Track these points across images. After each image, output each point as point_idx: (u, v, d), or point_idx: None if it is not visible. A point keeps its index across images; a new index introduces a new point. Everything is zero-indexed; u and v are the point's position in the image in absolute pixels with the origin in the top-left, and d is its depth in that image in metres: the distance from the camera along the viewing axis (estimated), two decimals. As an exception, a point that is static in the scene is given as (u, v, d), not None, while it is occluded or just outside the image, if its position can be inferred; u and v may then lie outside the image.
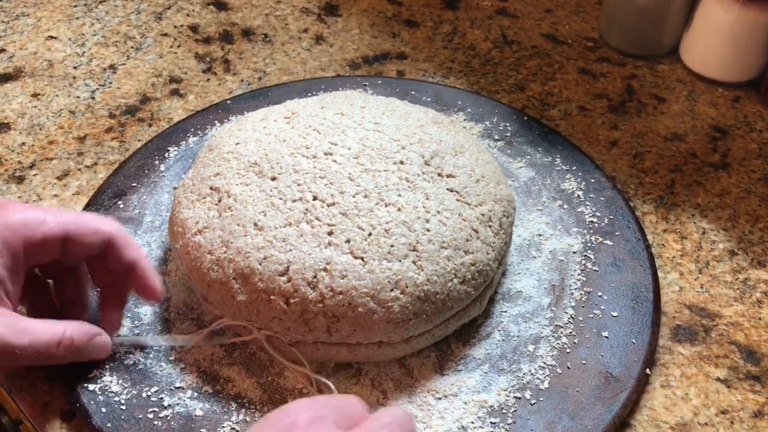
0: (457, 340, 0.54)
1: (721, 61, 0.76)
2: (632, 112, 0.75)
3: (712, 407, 0.51)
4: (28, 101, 0.76)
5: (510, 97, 0.76)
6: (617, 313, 0.55)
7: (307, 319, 0.48)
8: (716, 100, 0.76)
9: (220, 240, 0.51)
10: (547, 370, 0.51)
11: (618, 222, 0.61)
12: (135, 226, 0.61)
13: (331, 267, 0.49)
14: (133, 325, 0.54)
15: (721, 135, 0.72)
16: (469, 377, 0.51)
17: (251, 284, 0.49)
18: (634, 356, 0.52)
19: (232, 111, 0.72)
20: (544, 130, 0.70)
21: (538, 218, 0.62)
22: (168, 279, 0.57)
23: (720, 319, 0.57)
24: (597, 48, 0.83)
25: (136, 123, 0.73)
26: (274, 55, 0.82)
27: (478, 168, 0.56)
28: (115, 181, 0.65)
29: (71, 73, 0.79)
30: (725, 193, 0.67)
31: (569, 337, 0.53)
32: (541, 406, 0.49)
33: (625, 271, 0.58)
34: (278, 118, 0.59)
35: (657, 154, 0.70)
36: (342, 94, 0.62)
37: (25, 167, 0.68)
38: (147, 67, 0.80)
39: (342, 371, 0.52)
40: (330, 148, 0.55)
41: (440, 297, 0.50)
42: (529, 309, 0.56)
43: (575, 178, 0.65)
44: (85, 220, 0.50)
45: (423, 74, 0.79)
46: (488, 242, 0.53)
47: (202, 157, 0.58)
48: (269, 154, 0.55)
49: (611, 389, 0.50)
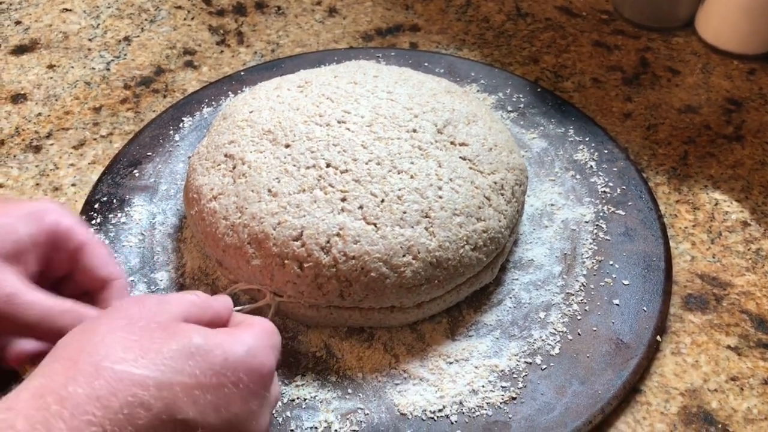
0: (469, 307, 0.54)
1: (737, 34, 0.76)
2: (646, 85, 0.74)
3: (722, 374, 0.51)
4: (44, 72, 0.76)
5: (523, 69, 0.76)
6: (628, 282, 0.55)
7: (320, 283, 0.49)
8: (731, 72, 0.76)
9: (235, 206, 0.52)
10: (557, 337, 0.52)
11: (630, 192, 0.62)
12: (150, 195, 0.62)
13: (344, 232, 0.49)
14: (149, 290, 0.55)
15: (735, 107, 0.72)
16: (481, 342, 0.52)
17: (265, 249, 0.50)
18: (645, 324, 0.52)
19: (245, 82, 0.72)
20: (558, 102, 0.70)
21: (551, 188, 0.62)
22: (183, 245, 0.58)
23: (731, 288, 0.57)
24: (611, 20, 0.82)
25: (150, 94, 0.74)
26: (287, 27, 0.82)
27: (491, 137, 0.56)
28: (130, 151, 0.65)
29: (86, 45, 0.80)
30: (739, 164, 0.66)
31: (580, 304, 0.54)
32: (552, 371, 0.50)
33: (637, 240, 0.58)
34: (291, 87, 0.59)
35: (670, 126, 0.70)
36: (355, 64, 0.62)
37: (42, 137, 0.69)
38: (161, 39, 0.81)
39: (355, 335, 0.52)
40: (343, 116, 0.55)
41: (452, 263, 0.50)
42: (540, 277, 0.56)
43: (588, 149, 0.65)
44: None
45: (436, 46, 0.79)
46: (500, 210, 0.53)
47: (217, 125, 0.58)
48: (283, 122, 0.55)
49: (622, 355, 0.51)
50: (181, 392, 0.35)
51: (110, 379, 0.34)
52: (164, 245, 0.58)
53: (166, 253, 0.58)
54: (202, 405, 0.35)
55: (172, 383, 0.35)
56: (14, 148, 0.68)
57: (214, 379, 0.36)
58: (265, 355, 0.39)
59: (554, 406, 0.48)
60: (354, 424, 0.47)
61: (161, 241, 0.59)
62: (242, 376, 0.37)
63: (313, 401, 0.49)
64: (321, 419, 0.48)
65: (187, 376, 0.35)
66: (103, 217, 0.60)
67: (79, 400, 0.33)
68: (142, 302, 0.39)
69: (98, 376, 0.33)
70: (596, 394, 0.49)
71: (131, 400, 0.33)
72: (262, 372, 0.38)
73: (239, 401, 0.37)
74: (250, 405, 0.38)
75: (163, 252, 0.58)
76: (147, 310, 0.38)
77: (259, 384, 0.38)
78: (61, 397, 0.33)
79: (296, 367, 0.51)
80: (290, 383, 0.50)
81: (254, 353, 0.38)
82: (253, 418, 0.38)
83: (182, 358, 0.36)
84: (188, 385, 0.35)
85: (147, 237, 0.59)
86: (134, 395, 0.33)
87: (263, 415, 0.39)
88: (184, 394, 0.35)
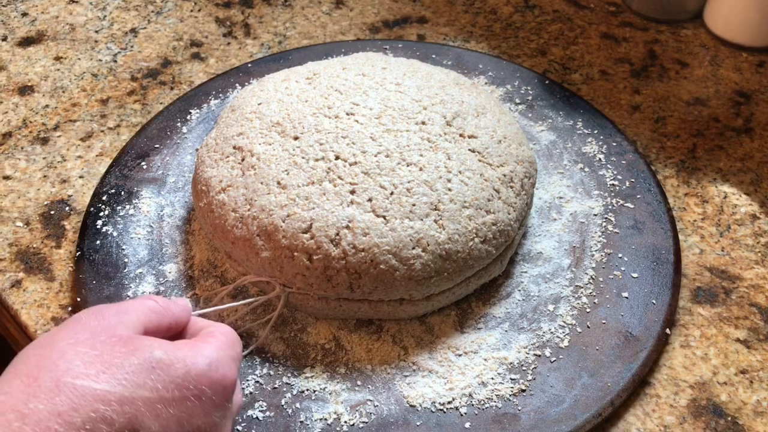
0: (478, 299, 0.54)
1: (746, 26, 0.75)
2: (654, 77, 0.74)
3: (732, 367, 0.51)
4: (50, 64, 0.76)
5: (531, 61, 0.76)
6: (637, 275, 0.55)
7: (329, 275, 0.49)
8: (740, 64, 0.75)
9: (244, 198, 0.52)
10: (567, 329, 0.52)
11: (639, 185, 0.61)
12: (158, 187, 0.62)
13: (354, 225, 0.49)
14: (158, 282, 0.55)
15: (744, 100, 0.71)
16: (490, 335, 0.52)
17: (275, 241, 0.50)
18: (654, 316, 0.52)
19: (253, 74, 0.72)
20: (566, 94, 0.70)
21: (559, 181, 0.62)
22: (192, 238, 0.58)
23: (741, 281, 0.57)
24: (619, 12, 0.82)
25: (157, 86, 0.74)
26: (294, 19, 0.82)
27: (500, 129, 0.56)
28: (138, 143, 0.65)
29: (93, 36, 0.80)
30: (748, 157, 0.66)
31: (589, 297, 0.54)
32: (561, 364, 0.50)
33: (645, 233, 0.58)
34: (300, 78, 0.59)
35: (679, 119, 0.70)
36: (363, 56, 0.62)
37: (49, 129, 0.69)
38: (168, 31, 0.81)
39: (364, 328, 0.52)
40: (352, 109, 0.55)
41: (461, 255, 0.50)
42: (549, 270, 0.56)
43: (596, 142, 0.65)
44: None
45: (444, 38, 0.79)
46: (509, 202, 0.53)
47: (225, 118, 0.58)
48: (291, 114, 0.55)
49: (631, 348, 0.51)
50: (143, 406, 0.35)
51: (71, 394, 0.34)
52: (173, 237, 0.58)
53: (175, 246, 0.58)
54: (164, 419, 0.36)
55: (134, 398, 0.35)
56: (22, 140, 0.68)
57: (177, 392, 0.36)
58: (227, 366, 0.39)
59: (564, 399, 0.48)
60: (363, 415, 0.48)
61: (169, 233, 0.59)
62: (204, 389, 0.38)
63: (323, 393, 0.49)
64: (330, 410, 0.48)
65: (149, 390, 0.36)
66: (111, 209, 0.60)
67: (41, 416, 0.33)
68: (102, 314, 0.39)
69: (59, 392, 0.34)
70: (606, 386, 0.49)
71: (93, 416, 0.34)
72: (224, 384, 0.39)
73: (202, 414, 0.38)
74: (212, 417, 0.38)
75: (172, 244, 0.58)
76: (107, 323, 0.38)
77: (221, 396, 0.39)
78: (22, 414, 0.33)
79: (305, 359, 0.51)
80: (299, 375, 0.50)
81: (216, 366, 0.39)
82: (215, 429, 0.39)
83: (144, 372, 0.36)
84: (150, 399, 0.35)
85: (155, 229, 0.59)
86: (96, 410, 0.34)
87: (225, 426, 0.40)
88: (146, 408, 0.35)
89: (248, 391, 0.49)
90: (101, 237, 0.58)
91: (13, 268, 0.58)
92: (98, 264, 0.56)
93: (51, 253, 0.59)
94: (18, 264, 0.58)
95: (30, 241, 0.60)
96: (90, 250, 0.57)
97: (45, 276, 0.57)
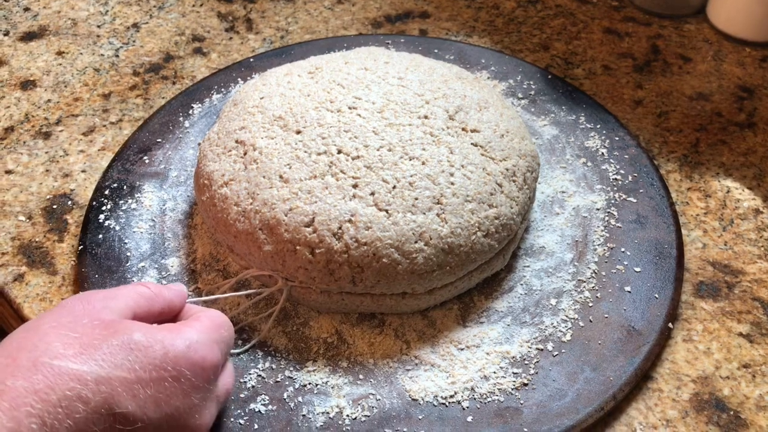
0: (480, 294, 0.54)
1: (750, 20, 0.75)
2: (657, 72, 0.74)
3: (734, 361, 0.51)
4: (53, 59, 0.76)
5: (534, 56, 0.76)
6: (640, 269, 0.55)
7: (332, 269, 0.49)
8: (743, 59, 0.75)
9: (246, 192, 0.52)
10: (569, 323, 0.52)
11: (642, 179, 0.61)
12: (161, 181, 0.62)
13: (356, 218, 0.49)
14: (160, 276, 0.55)
15: (747, 95, 0.71)
16: (492, 329, 0.52)
17: (277, 235, 0.50)
18: (657, 311, 0.52)
19: (255, 69, 0.72)
20: (568, 89, 0.70)
21: (562, 175, 0.62)
22: (194, 232, 0.58)
23: (743, 275, 0.56)
24: (622, 8, 0.82)
25: (159, 81, 0.74)
26: (296, 14, 0.82)
27: (503, 123, 0.56)
28: (140, 137, 0.65)
29: (95, 31, 0.80)
30: (751, 152, 0.66)
31: (592, 291, 0.54)
32: (564, 358, 0.50)
33: (648, 227, 0.58)
34: (302, 73, 0.59)
35: (682, 114, 0.70)
36: (366, 50, 0.62)
37: (52, 123, 0.69)
38: (170, 25, 0.80)
39: (366, 321, 0.52)
40: (354, 103, 0.55)
41: (464, 249, 0.50)
42: (551, 264, 0.56)
43: (599, 136, 0.65)
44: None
45: (446, 33, 0.79)
46: (512, 196, 0.53)
47: (227, 112, 0.58)
48: (294, 108, 0.55)
49: (633, 342, 0.51)
50: (119, 386, 0.36)
51: (48, 373, 0.35)
52: (175, 231, 0.58)
53: (177, 240, 0.58)
54: (141, 399, 0.36)
55: (111, 378, 0.36)
56: (24, 135, 0.68)
57: (154, 373, 0.37)
58: (208, 348, 0.40)
59: (566, 393, 0.48)
60: (366, 409, 0.48)
61: (172, 227, 0.59)
62: (183, 371, 0.38)
63: (325, 386, 0.49)
64: (333, 404, 0.48)
65: (127, 371, 0.36)
66: (113, 203, 0.60)
67: (18, 393, 0.34)
68: (88, 299, 0.40)
69: (36, 371, 0.35)
70: (608, 380, 0.48)
71: (69, 394, 0.34)
72: (203, 366, 0.39)
73: (180, 395, 0.38)
74: (191, 398, 0.39)
75: (174, 238, 0.58)
76: (92, 308, 0.39)
77: (201, 378, 0.39)
78: (0, 390, 0.34)
79: (307, 353, 0.51)
80: (302, 369, 0.50)
81: (196, 348, 0.39)
82: (195, 411, 0.39)
83: (122, 353, 0.37)
84: (127, 380, 0.36)
85: (158, 223, 0.59)
86: (72, 389, 0.35)
87: (206, 408, 0.40)
88: (123, 388, 0.36)
89: (251, 384, 0.49)
90: (104, 231, 0.58)
91: (16, 262, 0.58)
92: (101, 258, 0.56)
93: (53, 247, 0.59)
94: (20, 258, 0.58)
95: (32, 235, 0.60)
96: (92, 244, 0.57)
97: (47, 270, 0.57)
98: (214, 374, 0.40)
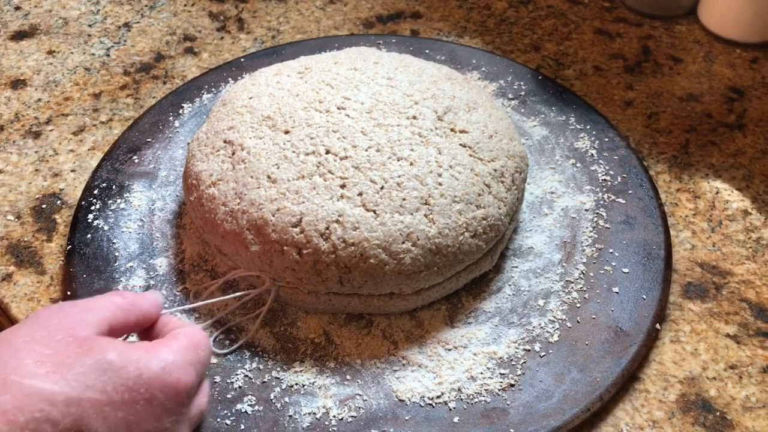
0: (468, 294, 0.54)
1: (740, 22, 0.75)
2: (648, 73, 0.74)
3: (721, 362, 0.51)
4: (43, 58, 0.76)
5: (525, 56, 0.76)
6: (628, 270, 0.55)
7: (319, 269, 0.49)
8: (734, 60, 0.75)
9: (234, 192, 0.51)
10: (557, 324, 0.52)
11: (631, 180, 0.61)
12: (150, 181, 0.62)
13: (344, 219, 0.49)
14: (148, 276, 0.55)
15: (737, 96, 0.71)
16: (479, 330, 0.52)
17: (264, 235, 0.50)
18: (644, 312, 0.52)
19: (245, 69, 0.72)
20: (559, 90, 0.70)
21: (551, 176, 0.62)
22: (183, 232, 0.58)
23: (731, 277, 0.57)
24: (613, 8, 0.82)
25: (150, 80, 0.74)
26: (287, 14, 0.82)
27: (492, 124, 0.56)
28: (130, 137, 0.65)
29: (86, 30, 0.80)
30: (740, 153, 0.66)
31: (579, 292, 0.54)
32: (551, 359, 0.50)
33: (637, 228, 0.58)
34: (291, 73, 0.59)
35: (672, 115, 0.70)
36: (355, 50, 0.62)
37: (42, 123, 0.69)
38: (161, 25, 0.80)
39: (354, 322, 0.52)
40: (343, 103, 0.55)
41: (451, 250, 0.50)
42: (540, 265, 0.56)
43: (589, 137, 0.65)
44: None
45: (437, 33, 0.79)
46: (500, 197, 0.53)
47: (216, 111, 0.58)
48: (282, 108, 0.55)
49: (621, 343, 0.51)
50: (90, 408, 0.35)
51: (18, 393, 0.34)
52: (163, 231, 0.58)
53: (166, 239, 0.58)
54: (112, 422, 0.35)
55: (82, 399, 0.35)
56: (14, 134, 0.68)
57: (126, 395, 0.36)
58: (183, 371, 0.39)
59: (553, 393, 0.48)
60: (352, 410, 0.48)
61: (160, 227, 0.58)
62: (156, 393, 0.37)
63: (312, 387, 0.49)
64: (319, 405, 0.48)
65: (98, 392, 0.35)
66: (102, 203, 0.60)
67: None
68: (64, 312, 0.39)
69: (6, 390, 0.34)
70: (595, 381, 0.49)
71: (38, 416, 0.33)
72: (177, 388, 0.38)
73: (151, 418, 0.37)
74: (162, 422, 0.38)
75: (163, 238, 0.58)
76: (68, 321, 0.38)
77: (174, 401, 0.38)
78: None
79: (295, 353, 0.51)
80: (288, 369, 0.50)
81: (170, 369, 0.38)
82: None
83: (94, 373, 0.36)
84: (98, 402, 0.35)
85: (146, 223, 0.59)
86: (41, 411, 0.34)
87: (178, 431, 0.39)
88: (93, 410, 0.35)
89: (237, 385, 0.49)
90: (92, 231, 0.58)
91: (4, 262, 0.57)
92: (89, 258, 0.56)
93: (42, 247, 0.59)
94: (9, 257, 0.58)
95: (21, 235, 0.59)
96: (81, 243, 0.57)
97: (36, 269, 0.57)
98: (188, 397, 0.39)
